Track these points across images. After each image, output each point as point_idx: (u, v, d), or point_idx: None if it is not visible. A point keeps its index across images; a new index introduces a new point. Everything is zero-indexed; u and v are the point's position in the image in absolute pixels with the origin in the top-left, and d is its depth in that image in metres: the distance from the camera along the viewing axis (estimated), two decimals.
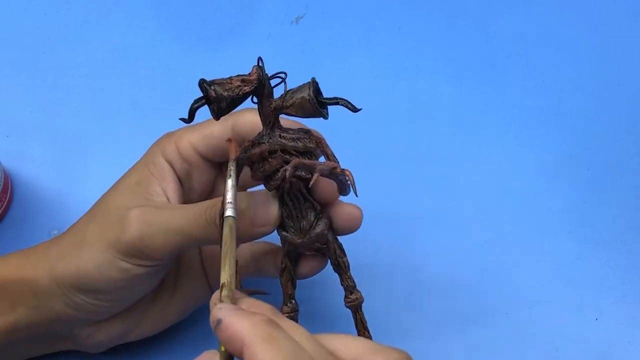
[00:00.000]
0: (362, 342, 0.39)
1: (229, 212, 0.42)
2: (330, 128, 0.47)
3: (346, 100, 0.42)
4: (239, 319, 0.36)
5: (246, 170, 0.45)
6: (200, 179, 0.50)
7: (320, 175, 0.42)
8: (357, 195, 0.43)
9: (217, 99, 0.42)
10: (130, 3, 0.68)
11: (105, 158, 0.61)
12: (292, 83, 0.43)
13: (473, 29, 0.67)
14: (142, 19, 0.68)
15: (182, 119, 0.42)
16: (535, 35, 0.66)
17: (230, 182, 0.43)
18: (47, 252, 0.48)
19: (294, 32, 0.67)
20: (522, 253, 0.58)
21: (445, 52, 0.66)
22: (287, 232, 0.46)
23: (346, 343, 0.38)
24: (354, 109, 0.42)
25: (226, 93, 0.42)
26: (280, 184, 0.44)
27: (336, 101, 0.43)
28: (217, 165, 0.50)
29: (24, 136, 0.63)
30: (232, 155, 0.44)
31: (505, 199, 0.60)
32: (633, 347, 0.54)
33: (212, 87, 0.42)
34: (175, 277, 0.52)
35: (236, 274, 0.43)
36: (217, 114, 0.42)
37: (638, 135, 0.62)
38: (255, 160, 0.44)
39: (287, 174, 0.42)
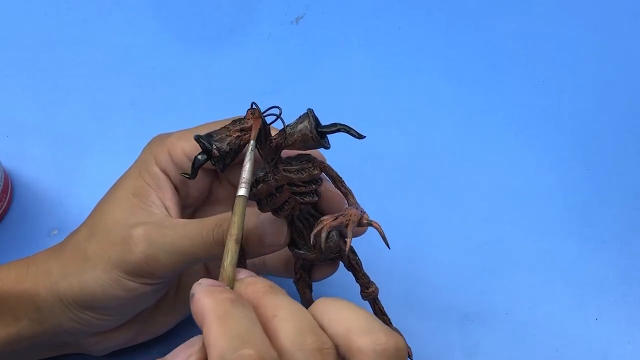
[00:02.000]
0: (358, 316, 0.37)
1: (241, 191, 0.41)
2: None
3: (347, 126, 0.42)
4: (205, 295, 0.36)
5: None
6: (196, 186, 0.50)
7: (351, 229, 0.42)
8: (389, 248, 0.43)
9: (222, 157, 0.41)
10: (130, 3, 0.68)
11: (105, 158, 0.61)
12: (293, 84, 0.43)
13: (473, 29, 0.67)
14: (142, 19, 0.68)
15: (184, 174, 0.42)
16: (535, 35, 0.66)
17: (247, 162, 0.42)
18: (47, 265, 0.48)
19: (294, 32, 0.67)
20: (522, 253, 0.57)
21: (445, 52, 0.66)
22: (300, 249, 0.45)
23: (342, 314, 0.37)
24: (358, 136, 0.42)
25: (228, 147, 0.41)
26: (289, 213, 0.44)
27: (337, 129, 0.42)
28: (212, 171, 0.50)
29: (24, 136, 0.62)
30: (252, 136, 0.42)
31: (505, 199, 0.60)
32: (633, 347, 0.54)
33: (214, 146, 0.41)
34: (177, 281, 0.52)
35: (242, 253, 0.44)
36: (223, 169, 0.42)
37: (638, 135, 0.62)
38: (263, 196, 0.43)
39: (323, 242, 0.42)
